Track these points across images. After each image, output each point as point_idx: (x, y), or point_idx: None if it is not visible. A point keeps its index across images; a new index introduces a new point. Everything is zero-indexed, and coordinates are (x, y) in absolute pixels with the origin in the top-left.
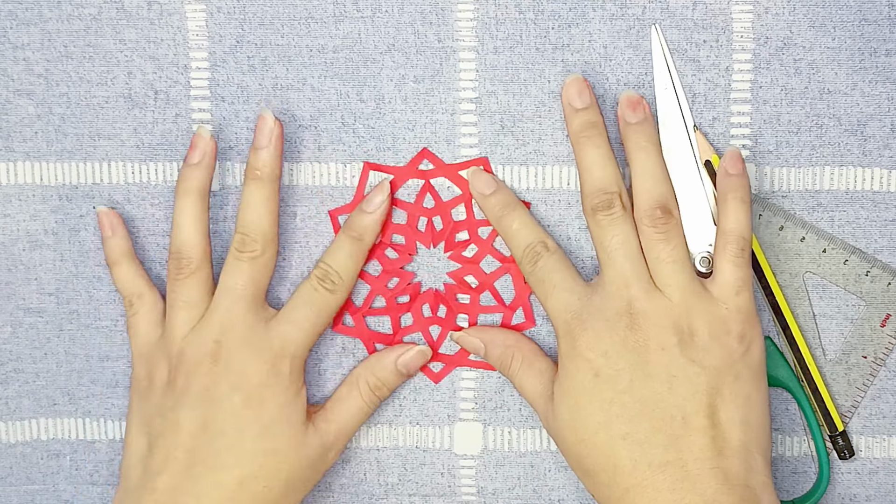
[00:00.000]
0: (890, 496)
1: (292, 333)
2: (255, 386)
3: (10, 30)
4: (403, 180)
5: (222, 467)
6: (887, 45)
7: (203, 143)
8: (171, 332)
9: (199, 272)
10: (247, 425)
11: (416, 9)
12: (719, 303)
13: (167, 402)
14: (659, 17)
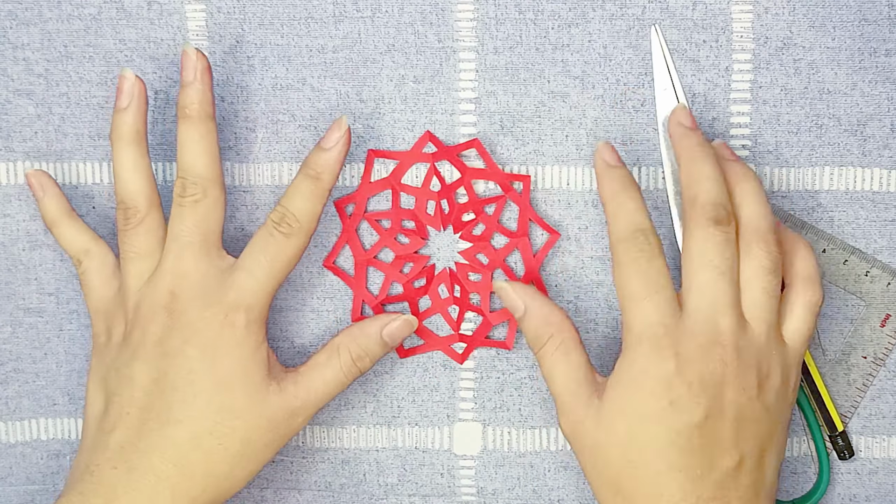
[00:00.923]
0: (890, 496)
1: (247, 282)
2: (208, 339)
3: (10, 30)
4: (409, 165)
5: (174, 422)
6: (887, 45)
7: (128, 84)
8: (125, 285)
9: (148, 220)
10: (200, 380)
11: (416, 9)
12: (790, 349)
13: (122, 356)
14: (659, 17)
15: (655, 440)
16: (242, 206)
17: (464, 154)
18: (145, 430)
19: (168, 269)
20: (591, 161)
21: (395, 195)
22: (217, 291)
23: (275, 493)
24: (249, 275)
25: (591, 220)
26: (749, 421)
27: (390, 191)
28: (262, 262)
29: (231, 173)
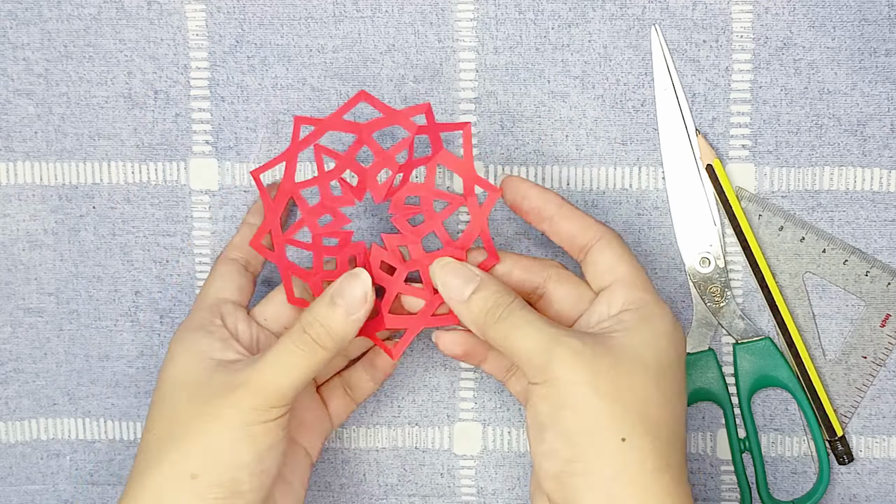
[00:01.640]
0: (890, 496)
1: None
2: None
3: (10, 30)
4: (391, 124)
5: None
6: (887, 45)
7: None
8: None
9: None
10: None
11: (416, 9)
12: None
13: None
14: (659, 17)
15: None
16: (242, 205)
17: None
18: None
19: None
20: (591, 161)
21: (357, 143)
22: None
23: None
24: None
25: None
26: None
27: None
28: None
29: (231, 173)
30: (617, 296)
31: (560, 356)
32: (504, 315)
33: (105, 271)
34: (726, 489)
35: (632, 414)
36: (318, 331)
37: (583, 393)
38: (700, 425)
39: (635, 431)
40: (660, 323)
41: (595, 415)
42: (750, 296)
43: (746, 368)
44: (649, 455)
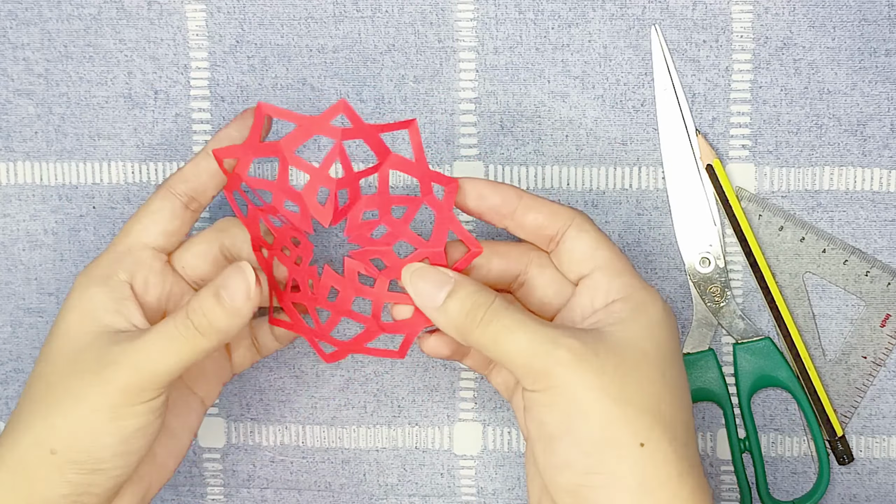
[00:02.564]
0: (890, 496)
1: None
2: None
3: (10, 30)
4: (310, 134)
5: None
6: (887, 45)
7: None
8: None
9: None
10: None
11: (416, 9)
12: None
13: None
14: (659, 17)
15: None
16: (242, 205)
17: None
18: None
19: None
20: (591, 161)
21: (282, 165)
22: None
23: (275, 493)
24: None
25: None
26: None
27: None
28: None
29: None
30: (601, 284)
31: (561, 359)
32: (487, 317)
33: None
34: (726, 489)
35: (647, 415)
36: (201, 320)
37: (594, 398)
38: (700, 425)
39: (653, 434)
40: (653, 310)
41: (610, 420)
42: (750, 296)
43: (746, 368)
44: (671, 459)
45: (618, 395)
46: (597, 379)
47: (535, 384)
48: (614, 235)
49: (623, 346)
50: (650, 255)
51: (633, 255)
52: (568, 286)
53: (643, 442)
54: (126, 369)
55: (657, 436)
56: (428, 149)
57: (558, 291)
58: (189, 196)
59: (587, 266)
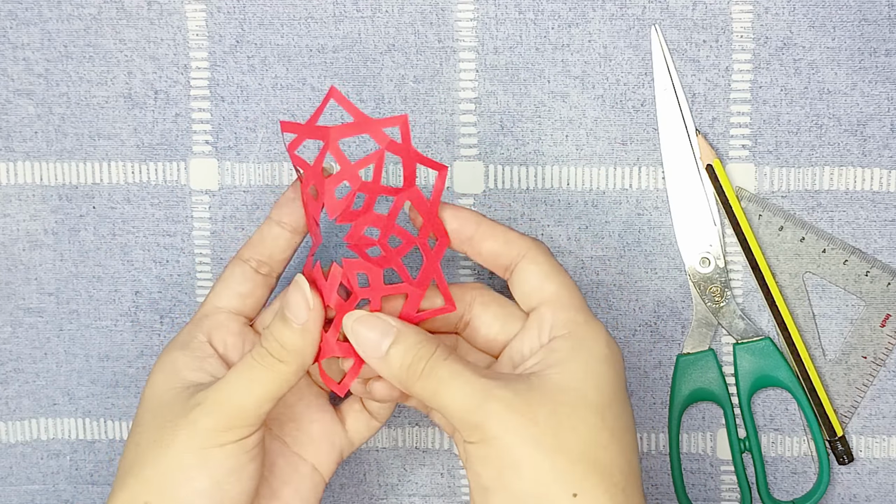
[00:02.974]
0: (890, 496)
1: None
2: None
3: (10, 30)
4: (362, 132)
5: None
6: (887, 45)
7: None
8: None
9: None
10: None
11: (416, 9)
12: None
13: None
14: (659, 17)
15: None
16: (242, 205)
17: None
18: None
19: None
20: (591, 161)
21: (322, 151)
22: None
23: None
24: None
25: (592, 220)
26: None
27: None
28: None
29: (231, 173)
30: (546, 319)
31: (494, 412)
32: (427, 370)
33: (105, 271)
34: (726, 489)
35: (580, 464)
36: (274, 345)
37: (525, 451)
38: (700, 425)
39: (587, 483)
40: (594, 346)
41: (542, 473)
42: (750, 296)
43: (746, 368)
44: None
45: (551, 446)
46: (529, 430)
47: (471, 436)
48: (614, 235)
49: (559, 391)
50: (650, 255)
51: (633, 255)
52: (514, 320)
53: (576, 493)
54: (211, 407)
55: (591, 485)
56: (428, 149)
57: (503, 327)
58: (257, 261)
59: (535, 299)
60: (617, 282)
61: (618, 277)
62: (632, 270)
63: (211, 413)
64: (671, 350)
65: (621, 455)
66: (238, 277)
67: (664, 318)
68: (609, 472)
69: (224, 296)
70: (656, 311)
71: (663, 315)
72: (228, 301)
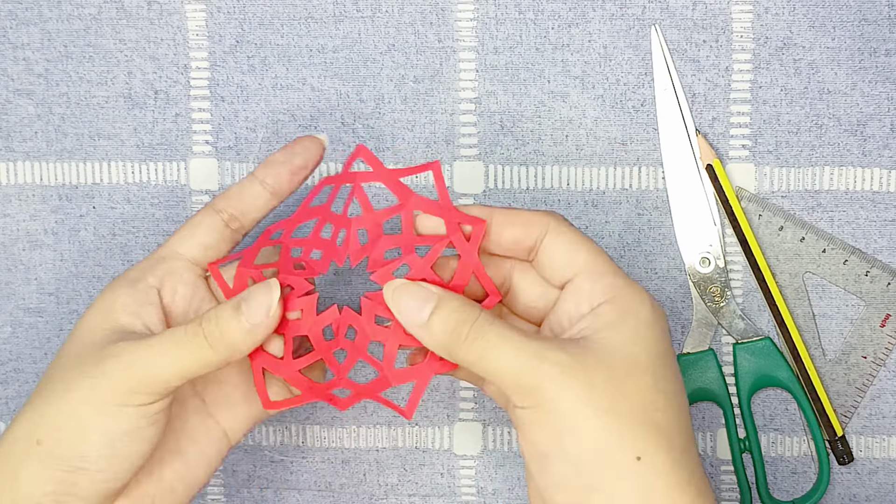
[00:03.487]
0: (890, 496)
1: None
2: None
3: (10, 30)
4: (334, 182)
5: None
6: (887, 45)
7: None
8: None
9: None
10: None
11: (416, 9)
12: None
13: None
14: (659, 17)
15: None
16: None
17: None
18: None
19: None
20: (591, 161)
21: (320, 224)
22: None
23: (275, 493)
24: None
25: (592, 220)
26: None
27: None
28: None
29: (231, 173)
30: (584, 288)
31: (550, 375)
32: (473, 334)
33: (105, 271)
34: (726, 489)
35: (641, 427)
36: (212, 329)
37: (584, 415)
38: (700, 425)
39: (649, 446)
40: (641, 309)
41: (603, 437)
42: (750, 296)
43: (746, 368)
44: (670, 469)
45: (609, 409)
46: (586, 393)
47: (525, 401)
48: (614, 235)
49: (612, 355)
50: (650, 255)
51: (633, 255)
52: (550, 290)
53: (639, 455)
54: (121, 365)
55: (653, 447)
56: (428, 149)
57: (543, 293)
58: (230, 214)
59: (568, 271)
60: None
61: None
62: (632, 270)
63: (120, 371)
64: None
65: (677, 417)
66: (207, 227)
67: None
68: (668, 435)
69: (188, 243)
70: None
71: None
72: (190, 249)
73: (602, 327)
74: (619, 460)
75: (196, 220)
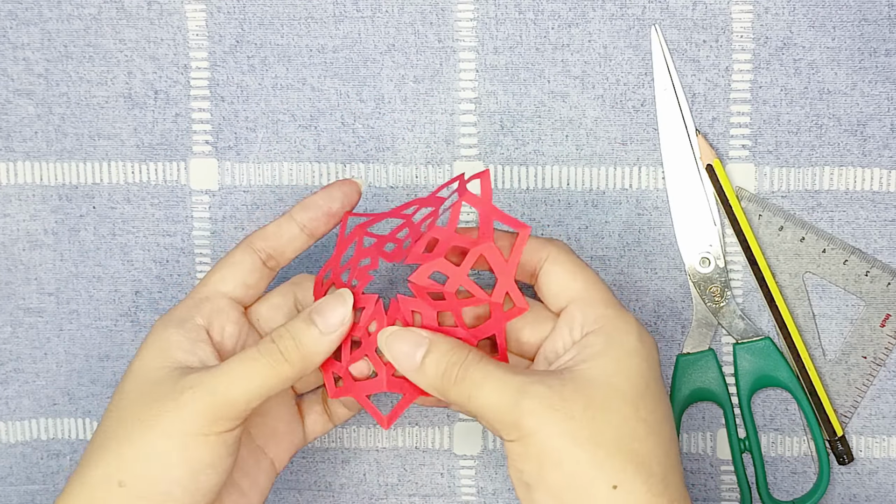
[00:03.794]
0: (890, 496)
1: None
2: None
3: (10, 30)
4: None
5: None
6: (887, 45)
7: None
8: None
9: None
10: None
11: (416, 9)
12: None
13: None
14: (659, 17)
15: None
16: (242, 205)
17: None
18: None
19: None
20: (591, 161)
21: (359, 242)
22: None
23: (275, 493)
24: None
25: (591, 219)
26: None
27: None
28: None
29: (231, 173)
30: (576, 317)
31: (529, 409)
32: (460, 375)
33: (105, 271)
34: (726, 489)
35: (618, 456)
36: (288, 343)
37: (563, 445)
38: (700, 425)
39: (626, 474)
40: (626, 339)
41: (581, 466)
42: (750, 296)
43: (746, 368)
44: (644, 497)
45: (587, 439)
46: (565, 424)
47: (510, 435)
48: (614, 235)
49: (593, 385)
50: (650, 255)
51: (633, 255)
52: (545, 321)
53: (615, 484)
54: (202, 393)
55: (630, 476)
56: (427, 149)
57: (534, 330)
58: (268, 254)
59: (563, 298)
60: (617, 282)
61: (618, 277)
62: (632, 270)
63: (201, 399)
64: (671, 350)
65: (658, 447)
66: (248, 266)
67: (664, 318)
68: (647, 464)
69: (230, 283)
70: (656, 311)
71: (663, 315)
72: (234, 289)
73: (587, 357)
74: (596, 489)
75: (235, 260)
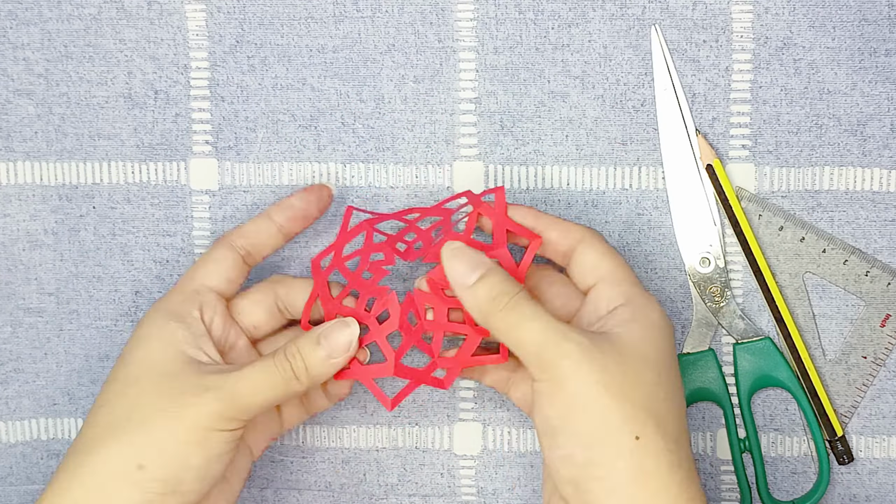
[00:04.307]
0: (890, 496)
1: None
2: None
3: (10, 30)
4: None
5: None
6: (887, 45)
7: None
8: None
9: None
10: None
11: (416, 9)
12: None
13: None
14: (659, 17)
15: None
16: (242, 205)
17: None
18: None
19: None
20: (591, 161)
21: (368, 236)
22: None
23: (275, 493)
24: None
25: (591, 219)
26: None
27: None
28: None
29: (231, 173)
30: (604, 294)
31: (569, 352)
32: (510, 305)
33: (105, 271)
34: (726, 489)
35: (643, 411)
36: (299, 364)
37: (594, 392)
38: (700, 425)
39: (647, 429)
40: (651, 314)
41: (608, 414)
42: (750, 296)
43: (746, 368)
44: (663, 453)
45: (617, 391)
46: (599, 374)
47: (542, 374)
48: (614, 235)
49: (625, 347)
50: (650, 255)
51: (633, 255)
52: (574, 299)
53: (638, 435)
54: (225, 396)
55: (651, 430)
56: (428, 149)
57: (565, 303)
58: (246, 251)
59: (592, 277)
60: None
61: None
62: None
63: (222, 401)
64: None
65: (674, 411)
66: (230, 262)
67: None
68: (665, 423)
69: (214, 278)
70: None
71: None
72: (218, 283)
73: (618, 324)
74: (620, 438)
75: (218, 256)
